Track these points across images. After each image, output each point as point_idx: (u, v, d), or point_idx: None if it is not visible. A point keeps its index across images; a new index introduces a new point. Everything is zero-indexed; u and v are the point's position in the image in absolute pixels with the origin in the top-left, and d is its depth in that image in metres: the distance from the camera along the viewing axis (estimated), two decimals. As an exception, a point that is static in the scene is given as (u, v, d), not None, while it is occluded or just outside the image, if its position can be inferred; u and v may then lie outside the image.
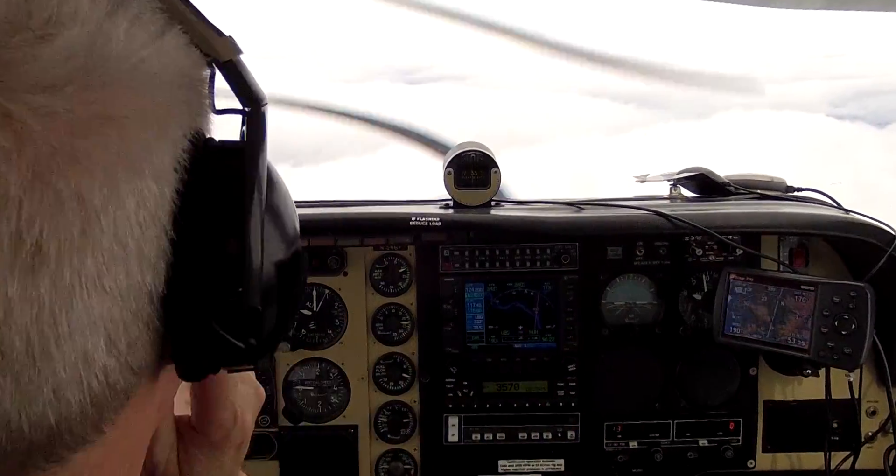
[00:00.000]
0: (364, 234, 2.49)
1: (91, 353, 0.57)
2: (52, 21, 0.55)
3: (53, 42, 0.54)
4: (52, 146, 0.53)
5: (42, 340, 0.54)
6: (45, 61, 0.54)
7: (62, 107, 0.54)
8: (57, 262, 0.54)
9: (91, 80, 0.56)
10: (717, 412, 2.60)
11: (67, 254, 0.54)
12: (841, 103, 8.54)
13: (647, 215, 2.43)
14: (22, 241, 0.52)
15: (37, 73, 0.53)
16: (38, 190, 0.52)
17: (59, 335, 0.55)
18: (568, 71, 9.01)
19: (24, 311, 0.53)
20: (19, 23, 0.53)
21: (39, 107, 0.53)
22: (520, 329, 2.58)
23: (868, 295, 2.28)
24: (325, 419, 2.63)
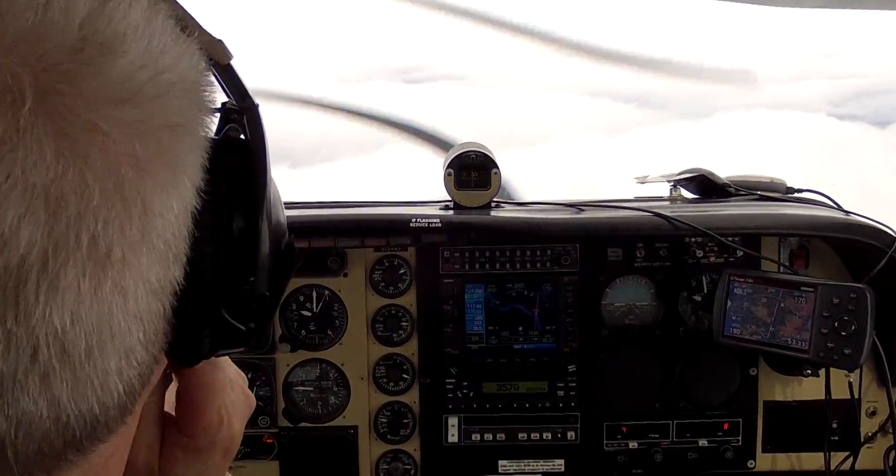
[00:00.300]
0: (364, 235, 2.49)
1: (133, 347, 0.61)
2: (119, 35, 0.58)
3: (124, 55, 0.58)
4: (127, 155, 0.57)
5: (100, 338, 0.57)
6: (117, 74, 0.57)
7: (136, 118, 0.58)
8: (120, 264, 0.57)
9: (154, 92, 0.59)
10: (717, 412, 2.62)
11: (129, 256, 0.58)
12: (841, 103, 8.55)
13: (648, 217, 2.44)
14: (97, 246, 0.55)
15: (112, 86, 0.56)
16: (114, 198, 0.56)
17: (114, 332, 0.58)
18: (567, 70, 9.03)
19: (91, 311, 0.56)
20: (87, 37, 0.56)
21: (119, 118, 0.56)
22: (520, 330, 2.60)
23: (868, 296, 2.29)
24: (325, 420, 2.64)
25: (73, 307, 0.55)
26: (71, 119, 0.54)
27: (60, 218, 0.53)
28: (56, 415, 0.57)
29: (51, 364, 0.55)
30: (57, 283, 0.54)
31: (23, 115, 0.52)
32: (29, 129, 0.52)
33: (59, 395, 0.56)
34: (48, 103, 0.53)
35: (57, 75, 0.54)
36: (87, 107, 0.55)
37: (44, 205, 0.52)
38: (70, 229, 0.54)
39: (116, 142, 0.56)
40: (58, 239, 0.53)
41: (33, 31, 0.53)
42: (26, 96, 0.52)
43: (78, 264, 0.54)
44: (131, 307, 0.59)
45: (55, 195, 0.53)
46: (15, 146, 0.51)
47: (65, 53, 0.54)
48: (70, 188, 0.53)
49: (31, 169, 0.52)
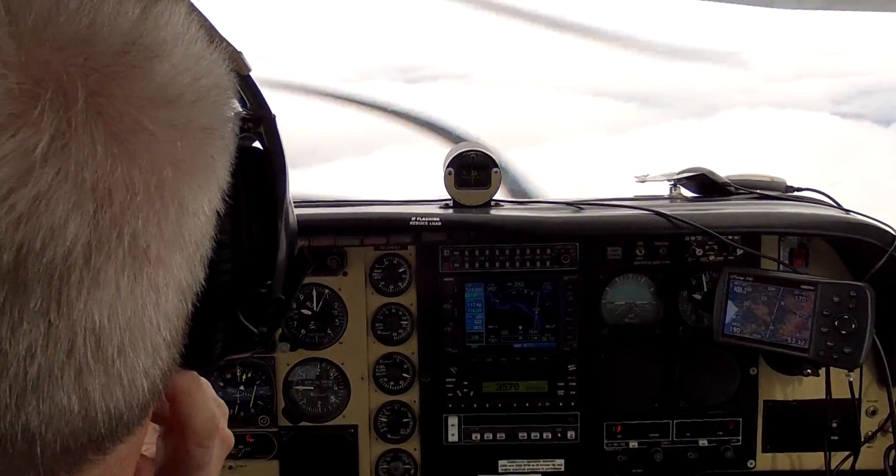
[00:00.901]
0: (364, 233, 2.52)
1: (159, 346, 0.63)
2: (162, 41, 0.61)
3: (168, 59, 0.60)
4: (169, 155, 0.59)
5: (132, 335, 0.59)
6: (162, 77, 0.59)
7: (179, 119, 0.60)
8: (156, 262, 0.59)
9: (193, 95, 0.62)
10: (717, 412, 2.64)
11: (164, 254, 0.60)
12: (844, 101, 8.55)
13: (647, 215, 2.47)
14: (137, 243, 0.57)
15: (157, 88, 0.59)
16: (155, 197, 0.58)
17: (145, 330, 0.60)
18: (568, 69, 9.04)
19: (126, 308, 0.58)
20: (134, 41, 0.58)
21: (164, 119, 0.59)
22: (520, 329, 2.62)
23: (868, 295, 2.31)
24: (325, 419, 2.66)
25: (110, 303, 0.57)
26: (119, 118, 0.56)
27: (105, 214, 0.55)
28: (86, 411, 0.58)
29: (86, 359, 0.57)
30: (98, 278, 0.55)
31: (75, 113, 0.54)
32: (81, 127, 0.54)
33: (91, 391, 0.58)
34: (98, 103, 0.55)
35: (106, 77, 0.56)
36: (134, 107, 0.57)
37: (91, 200, 0.54)
38: (113, 225, 0.55)
39: (161, 142, 0.58)
40: (101, 234, 0.55)
41: (83, 33, 0.56)
42: (78, 95, 0.54)
43: (118, 260, 0.56)
44: (162, 306, 0.61)
45: (102, 191, 0.55)
46: (68, 142, 0.53)
47: (113, 56, 0.57)
48: (117, 185, 0.55)
49: (83, 165, 0.54)
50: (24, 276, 0.53)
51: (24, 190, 0.52)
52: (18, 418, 0.56)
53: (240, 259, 0.74)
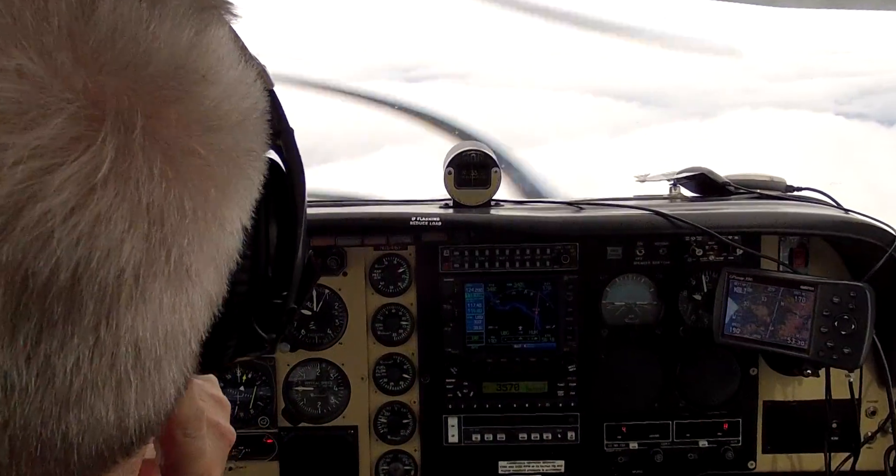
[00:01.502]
0: (364, 233, 2.53)
1: (187, 357, 0.65)
2: (212, 65, 0.63)
3: (216, 84, 0.63)
4: (216, 178, 0.62)
5: (167, 348, 0.62)
6: (210, 100, 0.62)
7: (227, 144, 0.63)
8: (196, 280, 0.62)
9: (236, 118, 0.65)
10: (717, 412, 2.66)
11: (201, 272, 0.62)
12: (846, 101, 8.55)
13: (647, 215, 2.48)
14: (181, 263, 0.60)
15: (206, 112, 0.62)
16: (199, 218, 0.61)
17: (179, 343, 0.63)
18: (568, 69, 9.05)
19: (166, 323, 0.60)
20: (185, 66, 0.61)
21: (213, 144, 0.62)
22: (520, 329, 2.64)
23: (868, 295, 2.33)
24: (325, 420, 2.68)
25: (154, 319, 0.59)
26: (173, 142, 0.58)
27: (157, 234, 0.57)
28: (120, 420, 0.61)
29: (126, 372, 0.59)
30: (145, 296, 0.58)
31: (134, 137, 0.56)
32: (139, 151, 0.56)
33: (127, 402, 0.60)
34: (153, 127, 0.57)
35: (159, 100, 0.58)
36: (185, 131, 0.59)
37: (146, 221, 0.57)
38: (163, 245, 0.58)
39: (210, 165, 0.61)
40: (152, 254, 0.57)
41: (140, 59, 0.58)
42: (136, 120, 0.56)
43: (164, 278, 0.59)
44: (195, 319, 0.64)
45: (156, 212, 0.57)
46: (128, 165, 0.55)
47: (165, 80, 0.59)
48: (169, 207, 0.58)
49: (142, 187, 0.56)
50: (79, 293, 0.55)
51: (86, 210, 0.54)
52: (59, 427, 0.57)
53: (260, 271, 0.77)
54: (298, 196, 0.81)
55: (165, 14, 0.61)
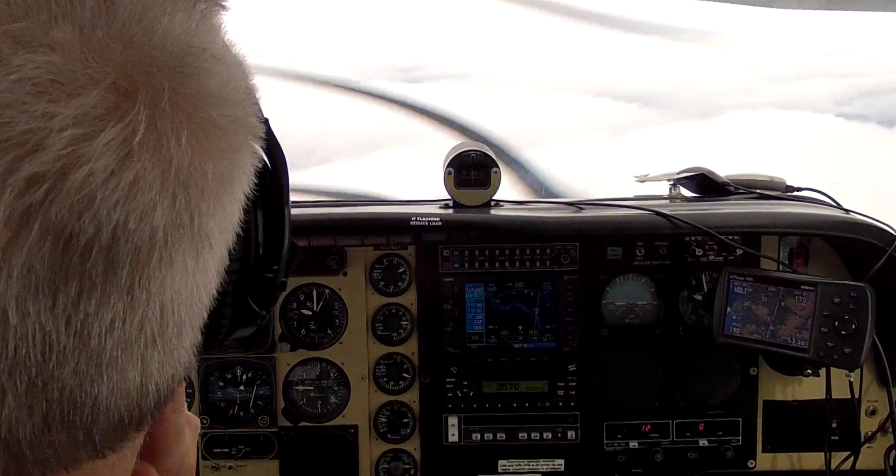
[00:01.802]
0: (364, 233, 2.54)
1: (200, 325, 0.68)
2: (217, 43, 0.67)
3: (223, 61, 0.66)
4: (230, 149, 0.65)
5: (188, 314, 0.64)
6: (220, 76, 0.65)
7: (237, 115, 0.66)
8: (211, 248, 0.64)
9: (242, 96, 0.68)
10: (717, 412, 2.67)
11: (216, 240, 0.65)
12: (846, 102, 8.57)
13: (647, 215, 2.50)
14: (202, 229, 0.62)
15: (219, 88, 0.65)
16: (217, 185, 0.64)
17: (196, 310, 0.65)
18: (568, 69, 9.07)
19: (189, 288, 0.63)
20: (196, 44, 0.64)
21: (229, 115, 0.65)
22: (520, 329, 2.65)
23: (868, 295, 2.34)
24: (325, 419, 2.69)
25: (178, 283, 0.61)
26: (194, 113, 0.61)
27: (183, 199, 0.60)
28: (143, 386, 0.62)
29: (152, 335, 0.61)
30: (173, 258, 0.60)
31: (163, 108, 0.59)
32: (169, 118, 0.59)
33: (151, 365, 0.62)
34: (177, 100, 0.60)
35: (180, 75, 0.61)
36: (204, 103, 0.62)
37: (174, 185, 0.59)
38: (187, 210, 0.60)
39: (227, 135, 0.64)
40: (179, 217, 0.60)
41: (158, 38, 0.61)
42: (164, 92, 0.59)
43: (188, 242, 0.61)
44: (209, 286, 0.66)
45: (184, 178, 0.60)
46: (160, 132, 0.58)
47: (183, 57, 0.62)
48: (193, 174, 0.60)
49: (172, 152, 0.59)
50: (118, 253, 0.57)
51: (124, 173, 0.57)
52: (92, 390, 0.59)
53: (255, 245, 0.81)
54: (284, 175, 0.85)
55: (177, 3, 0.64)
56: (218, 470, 2.69)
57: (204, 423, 2.64)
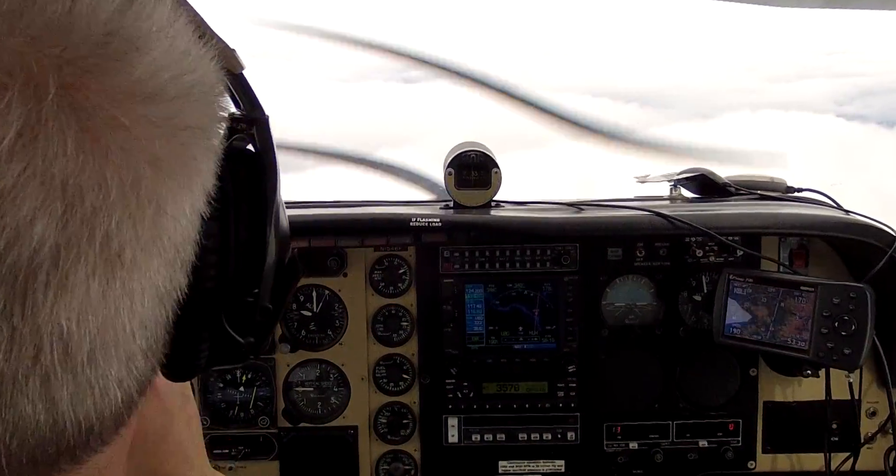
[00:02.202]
0: (364, 234, 2.55)
1: (134, 354, 0.61)
2: (145, 33, 0.59)
3: (149, 53, 0.59)
4: (147, 153, 0.58)
5: (104, 341, 0.57)
6: (141, 71, 0.58)
7: (158, 116, 0.59)
8: (130, 266, 0.57)
9: (175, 92, 0.61)
10: (717, 413, 2.69)
11: (139, 257, 0.58)
12: (846, 102, 8.59)
13: (648, 216, 2.51)
14: (109, 245, 0.56)
15: (136, 82, 0.58)
16: (130, 197, 0.56)
17: (118, 337, 0.58)
18: (567, 69, 9.08)
19: (97, 313, 0.56)
20: (114, 32, 0.57)
21: (142, 115, 0.58)
22: (520, 330, 2.67)
23: (868, 296, 2.35)
24: (325, 420, 2.71)
25: (80, 307, 0.55)
26: (94, 113, 0.54)
27: (76, 213, 0.53)
28: (53, 420, 0.57)
29: (53, 366, 0.55)
30: (66, 281, 0.54)
31: (45, 106, 0.52)
32: (51, 120, 0.52)
33: (58, 399, 0.56)
34: (71, 96, 0.53)
35: (81, 69, 0.54)
36: (110, 101, 0.55)
37: (61, 198, 0.52)
38: (84, 225, 0.54)
39: (138, 139, 0.56)
40: (71, 235, 0.53)
41: (60, 23, 0.54)
42: (49, 87, 0.52)
43: (89, 263, 0.54)
44: (137, 311, 0.59)
45: (73, 189, 0.53)
46: (36, 137, 0.51)
47: (90, 47, 0.55)
48: (88, 183, 0.53)
49: (52, 161, 0.52)
50: None
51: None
52: None
53: (225, 265, 0.72)
54: (269, 186, 0.77)
55: None
56: (218, 470, 2.69)
57: (204, 424, 2.65)
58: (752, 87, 8.96)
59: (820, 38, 8.55)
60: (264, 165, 0.78)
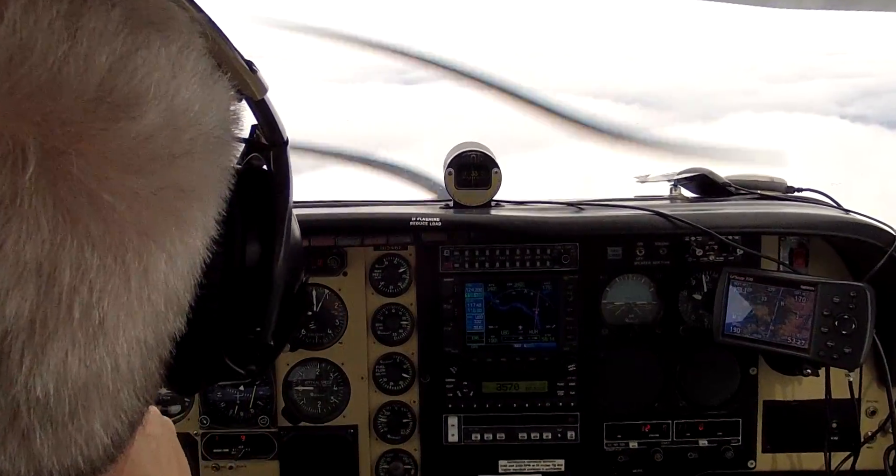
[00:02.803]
0: (364, 234, 2.57)
1: (121, 403, 0.61)
2: (140, 94, 0.56)
3: (143, 117, 0.56)
4: (132, 224, 0.56)
5: (87, 399, 0.57)
6: (133, 137, 0.55)
7: (146, 187, 0.57)
8: (114, 331, 0.57)
9: (173, 152, 0.59)
10: (717, 412, 2.71)
11: (124, 320, 0.57)
12: (848, 102, 8.60)
13: (648, 215, 2.53)
14: (90, 316, 0.55)
15: (125, 151, 0.55)
16: (113, 268, 0.55)
17: (102, 393, 0.58)
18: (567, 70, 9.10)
19: (79, 375, 0.56)
20: (103, 98, 0.54)
21: (128, 188, 0.55)
22: (520, 329, 2.68)
23: (868, 295, 2.37)
24: (325, 419, 2.73)
25: (57, 374, 0.54)
26: (74, 187, 0.52)
27: (52, 290, 0.52)
28: (37, 471, 0.57)
29: (31, 425, 0.55)
30: (43, 353, 0.53)
31: (23, 183, 0.50)
32: (27, 199, 0.50)
33: (39, 454, 0.56)
34: (53, 168, 0.51)
35: (66, 137, 0.52)
36: (94, 175, 0.53)
37: (35, 278, 0.51)
38: (62, 301, 0.53)
39: (121, 213, 0.55)
40: (47, 311, 0.52)
41: (48, 86, 0.52)
42: (29, 160, 0.50)
43: (67, 335, 0.54)
44: (122, 369, 0.58)
45: (49, 268, 0.52)
46: (10, 217, 0.50)
47: (77, 113, 0.53)
48: (66, 260, 0.52)
49: (26, 241, 0.51)
50: None
51: None
52: None
53: (226, 306, 0.72)
54: (278, 222, 0.75)
55: (84, 33, 0.54)
56: (218, 470, 2.72)
57: (204, 424, 2.68)
58: (753, 88, 8.98)
59: (820, 38, 8.57)
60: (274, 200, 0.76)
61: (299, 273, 0.82)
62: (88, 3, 0.55)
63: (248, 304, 0.74)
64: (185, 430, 2.68)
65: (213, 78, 0.64)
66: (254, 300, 0.75)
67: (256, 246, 0.74)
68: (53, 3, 0.53)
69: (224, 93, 0.66)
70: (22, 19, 0.52)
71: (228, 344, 0.75)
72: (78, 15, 0.54)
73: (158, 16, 0.60)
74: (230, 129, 0.67)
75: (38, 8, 0.52)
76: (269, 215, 0.75)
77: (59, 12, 0.53)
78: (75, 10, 0.54)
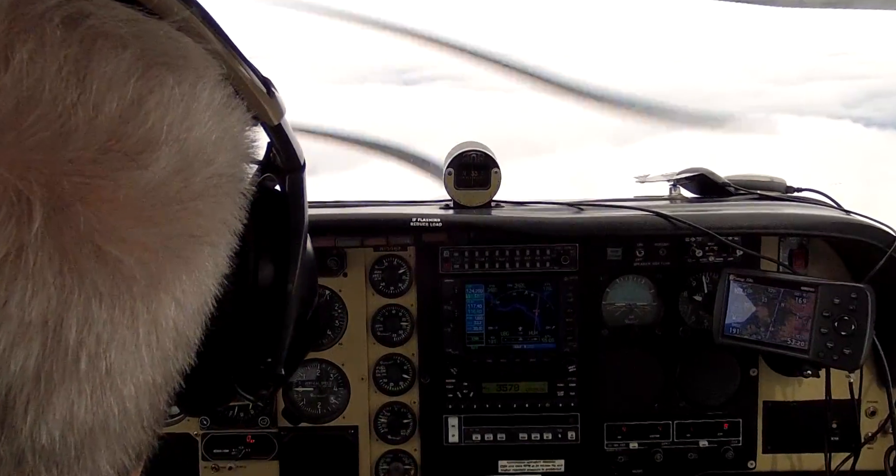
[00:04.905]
0: (364, 234, 2.61)
1: (129, 439, 0.61)
2: (151, 140, 0.55)
3: (153, 164, 0.55)
4: (140, 276, 0.55)
5: (93, 441, 0.57)
6: (140, 189, 0.54)
7: (157, 240, 0.56)
8: (122, 377, 0.57)
9: (184, 196, 0.58)
10: (717, 413, 2.75)
11: (131, 365, 0.57)
12: (855, 104, 8.60)
13: (647, 216, 2.58)
14: (96, 366, 0.55)
15: (133, 203, 0.54)
16: (121, 320, 0.55)
17: (109, 435, 0.58)
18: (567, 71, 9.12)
19: (86, 422, 0.56)
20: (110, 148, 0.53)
21: (136, 241, 0.55)
22: (520, 330, 2.73)
23: (868, 296, 2.40)
24: (325, 420, 2.77)
25: (64, 422, 0.54)
26: (80, 241, 0.52)
27: (59, 345, 0.52)
28: None
29: (37, 469, 0.55)
30: (48, 404, 0.53)
31: (28, 239, 0.49)
32: (32, 255, 0.50)
33: None
34: (59, 222, 0.51)
35: (73, 189, 0.51)
36: (100, 230, 0.52)
37: (40, 333, 0.51)
38: (68, 355, 0.53)
39: (129, 267, 0.54)
40: (53, 364, 0.52)
41: (53, 138, 0.51)
42: (35, 215, 0.49)
43: (73, 385, 0.54)
44: (130, 411, 0.59)
45: (54, 323, 0.52)
46: (16, 274, 0.50)
47: (85, 164, 0.52)
48: (73, 315, 0.52)
49: (31, 298, 0.50)
50: None
51: None
52: None
53: (238, 338, 0.73)
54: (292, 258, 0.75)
55: (94, 79, 0.53)
56: (218, 470, 2.77)
57: (204, 424, 2.72)
58: (757, 90, 9.00)
59: (822, 38, 8.59)
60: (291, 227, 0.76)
61: (312, 300, 0.83)
62: (98, 45, 0.54)
63: (260, 335, 0.75)
64: (185, 431, 2.73)
65: (229, 108, 0.64)
66: (265, 331, 0.75)
67: (269, 276, 0.74)
68: (62, 47, 0.52)
69: (240, 123, 0.65)
70: (29, 66, 0.51)
71: (239, 373, 0.76)
72: (88, 59, 0.53)
73: (171, 53, 0.59)
74: (245, 158, 0.66)
75: (47, 53, 0.51)
76: (283, 245, 0.76)
77: (69, 57, 0.52)
78: (85, 54, 0.53)
